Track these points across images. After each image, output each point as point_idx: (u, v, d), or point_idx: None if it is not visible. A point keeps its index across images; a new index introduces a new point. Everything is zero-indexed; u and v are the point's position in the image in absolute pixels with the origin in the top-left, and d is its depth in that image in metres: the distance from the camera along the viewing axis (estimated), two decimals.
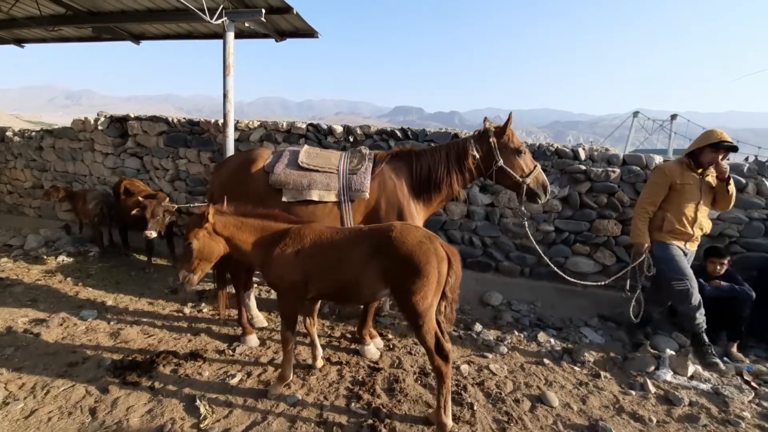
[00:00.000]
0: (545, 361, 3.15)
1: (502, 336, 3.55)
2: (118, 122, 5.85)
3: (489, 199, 4.56)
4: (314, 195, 2.96)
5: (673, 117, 23.12)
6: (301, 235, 2.38)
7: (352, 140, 4.92)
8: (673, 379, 2.94)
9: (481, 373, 2.93)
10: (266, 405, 2.43)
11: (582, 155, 4.33)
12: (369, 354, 3.04)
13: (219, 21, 4.34)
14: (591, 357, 3.21)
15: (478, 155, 3.08)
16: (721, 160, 3.13)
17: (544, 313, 4.10)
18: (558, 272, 3.54)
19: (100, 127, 5.84)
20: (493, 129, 3.11)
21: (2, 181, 6.97)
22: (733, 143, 3.08)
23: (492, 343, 3.38)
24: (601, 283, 3.63)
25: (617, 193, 4.18)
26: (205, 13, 4.20)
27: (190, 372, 2.74)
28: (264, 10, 4.39)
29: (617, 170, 4.18)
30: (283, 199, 2.97)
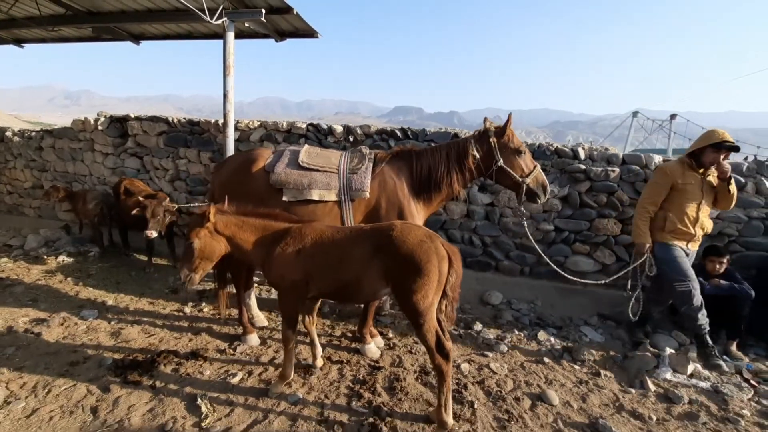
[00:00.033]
0: (545, 359, 3.16)
1: (502, 335, 3.56)
2: (118, 122, 5.85)
3: (489, 199, 4.57)
4: (315, 194, 2.97)
5: (673, 117, 23.12)
6: (302, 235, 2.38)
7: (352, 140, 4.93)
8: (673, 378, 2.95)
9: (481, 371, 2.94)
10: (267, 404, 2.44)
11: (582, 155, 4.34)
12: (369, 353, 3.05)
13: (219, 21, 4.34)
14: (591, 355, 3.22)
15: (478, 155, 3.09)
16: (722, 160, 3.14)
17: (544, 312, 4.11)
18: (558, 271, 3.54)
19: (100, 127, 5.84)
20: (493, 129, 3.11)
21: (2, 182, 6.97)
22: (735, 143, 3.08)
23: (492, 342, 3.39)
24: (601, 282, 3.64)
25: (617, 193, 4.20)
26: (205, 13, 4.21)
27: (191, 371, 2.74)
28: (264, 11, 4.40)
29: (617, 170, 4.19)
30: (284, 198, 2.98)
